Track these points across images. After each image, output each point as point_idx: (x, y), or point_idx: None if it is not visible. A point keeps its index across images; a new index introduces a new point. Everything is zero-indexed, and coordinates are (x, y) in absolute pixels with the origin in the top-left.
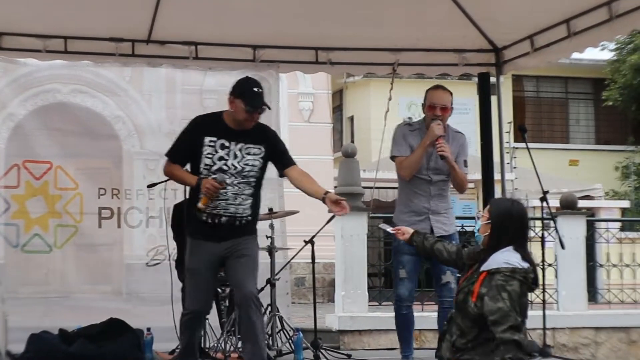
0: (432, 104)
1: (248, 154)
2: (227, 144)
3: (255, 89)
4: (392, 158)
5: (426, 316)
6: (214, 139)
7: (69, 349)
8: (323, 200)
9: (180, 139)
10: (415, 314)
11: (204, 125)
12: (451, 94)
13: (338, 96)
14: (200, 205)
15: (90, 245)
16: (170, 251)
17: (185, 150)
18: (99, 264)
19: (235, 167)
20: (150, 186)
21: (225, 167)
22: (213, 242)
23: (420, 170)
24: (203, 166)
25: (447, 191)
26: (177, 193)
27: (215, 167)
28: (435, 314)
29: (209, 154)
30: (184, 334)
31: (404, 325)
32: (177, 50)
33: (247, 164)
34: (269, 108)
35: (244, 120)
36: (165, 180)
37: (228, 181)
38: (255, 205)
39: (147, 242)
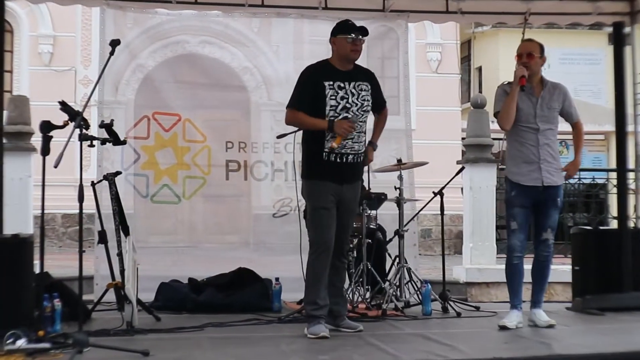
0: (518, 54)
1: (362, 90)
2: (342, 84)
3: (350, 22)
4: (495, 115)
5: (555, 269)
6: (331, 82)
7: (198, 298)
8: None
9: (300, 88)
10: None
11: (319, 72)
12: (539, 44)
13: (466, 46)
14: (334, 144)
15: (217, 197)
16: (298, 203)
17: (308, 98)
18: (226, 214)
19: (357, 104)
20: (280, 137)
21: (348, 105)
22: (336, 183)
23: (528, 119)
24: (329, 108)
25: (555, 141)
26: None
27: (340, 107)
28: (565, 267)
29: (331, 96)
30: (312, 273)
31: (514, 276)
32: (306, 0)
33: (364, 100)
34: (366, 35)
35: (350, 51)
36: (295, 131)
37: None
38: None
39: (274, 193)
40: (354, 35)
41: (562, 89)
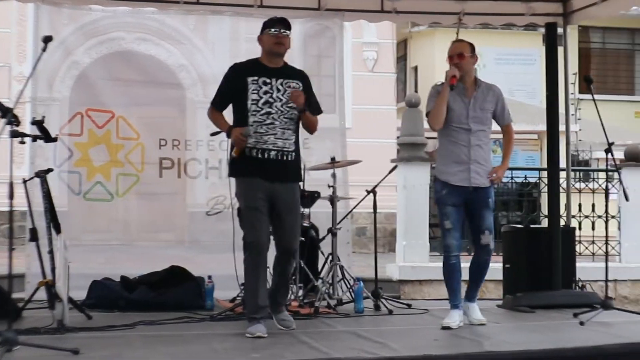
0: (449, 56)
1: (289, 87)
2: (268, 80)
3: (274, 18)
4: (427, 115)
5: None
6: (255, 77)
7: (131, 296)
8: (303, 112)
9: (223, 86)
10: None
11: (244, 68)
12: (470, 43)
13: (402, 46)
14: (233, 154)
15: (151, 194)
16: (232, 200)
17: (228, 96)
18: (160, 212)
19: (281, 100)
20: (213, 134)
21: (271, 100)
22: (265, 180)
23: (460, 119)
24: (251, 102)
25: (487, 143)
26: None
27: (262, 101)
28: (496, 264)
29: (254, 90)
30: (248, 275)
31: (452, 275)
32: None
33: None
34: (289, 30)
35: (274, 44)
36: None
37: (276, 116)
38: (298, 143)
39: (208, 191)
40: (276, 29)
41: (496, 91)
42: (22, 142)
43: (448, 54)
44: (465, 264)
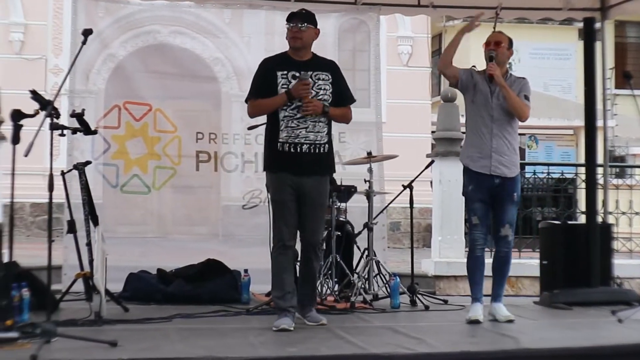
0: (487, 42)
1: (319, 79)
2: (297, 74)
3: (294, 12)
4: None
5: (523, 263)
6: (285, 72)
7: (167, 289)
8: (326, 114)
9: (255, 81)
10: (513, 260)
11: (273, 63)
12: (509, 37)
13: (437, 40)
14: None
15: (187, 187)
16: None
17: (263, 89)
18: (196, 205)
19: (310, 92)
20: (251, 128)
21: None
22: (293, 175)
23: (485, 105)
24: None
25: (512, 134)
26: None
27: None
28: (533, 261)
29: (283, 84)
30: (275, 268)
31: (476, 268)
32: None
33: (320, 88)
34: (312, 21)
35: (290, 38)
36: (264, 123)
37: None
38: (330, 135)
39: (243, 185)
40: (293, 23)
41: (521, 82)
42: (62, 135)
43: (486, 40)
44: (488, 260)
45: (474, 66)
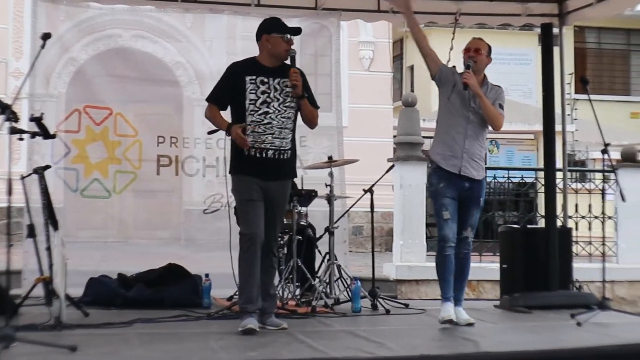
0: (466, 48)
1: (286, 86)
2: (265, 79)
3: (282, 22)
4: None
5: (484, 267)
6: (254, 77)
7: (128, 293)
8: (302, 98)
9: (221, 84)
10: (473, 264)
11: (242, 67)
12: (488, 45)
13: (398, 45)
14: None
15: (148, 192)
16: (228, 199)
17: (227, 93)
18: (157, 210)
19: (278, 99)
20: (211, 132)
21: (268, 100)
22: (260, 179)
23: (462, 106)
24: (248, 102)
25: (483, 137)
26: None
27: (260, 101)
28: (493, 265)
29: (252, 90)
30: (242, 267)
31: (446, 267)
32: None
33: (287, 95)
34: (300, 31)
35: (285, 50)
36: None
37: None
38: (294, 141)
39: (205, 189)
40: (289, 36)
41: (497, 91)
42: (21, 139)
43: (466, 46)
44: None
45: (454, 66)
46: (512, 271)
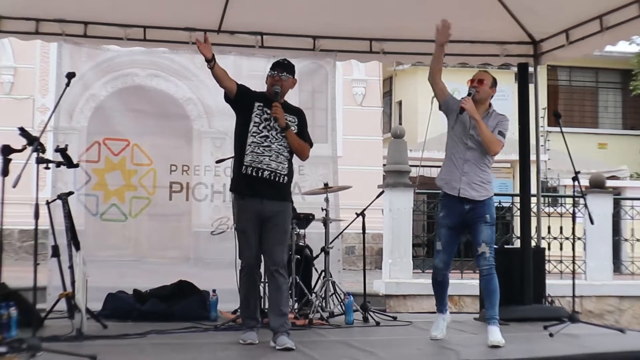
0: (471, 79)
1: (288, 121)
2: (269, 110)
3: (278, 61)
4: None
5: (465, 283)
6: (261, 104)
7: (142, 307)
8: (286, 129)
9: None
10: (454, 281)
11: (255, 94)
12: (493, 77)
13: (388, 82)
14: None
15: (161, 215)
16: (233, 222)
17: (245, 92)
18: (169, 232)
19: (276, 129)
20: (218, 161)
21: (269, 127)
22: (255, 198)
23: (462, 133)
24: (253, 124)
25: (484, 162)
26: None
27: (262, 125)
28: (473, 281)
29: (257, 114)
30: (241, 289)
31: (440, 289)
32: (244, 39)
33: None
34: (292, 71)
35: (270, 84)
36: (232, 157)
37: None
38: (291, 170)
39: (212, 213)
40: (276, 72)
41: (500, 119)
42: (47, 168)
43: (472, 77)
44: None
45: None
46: None
